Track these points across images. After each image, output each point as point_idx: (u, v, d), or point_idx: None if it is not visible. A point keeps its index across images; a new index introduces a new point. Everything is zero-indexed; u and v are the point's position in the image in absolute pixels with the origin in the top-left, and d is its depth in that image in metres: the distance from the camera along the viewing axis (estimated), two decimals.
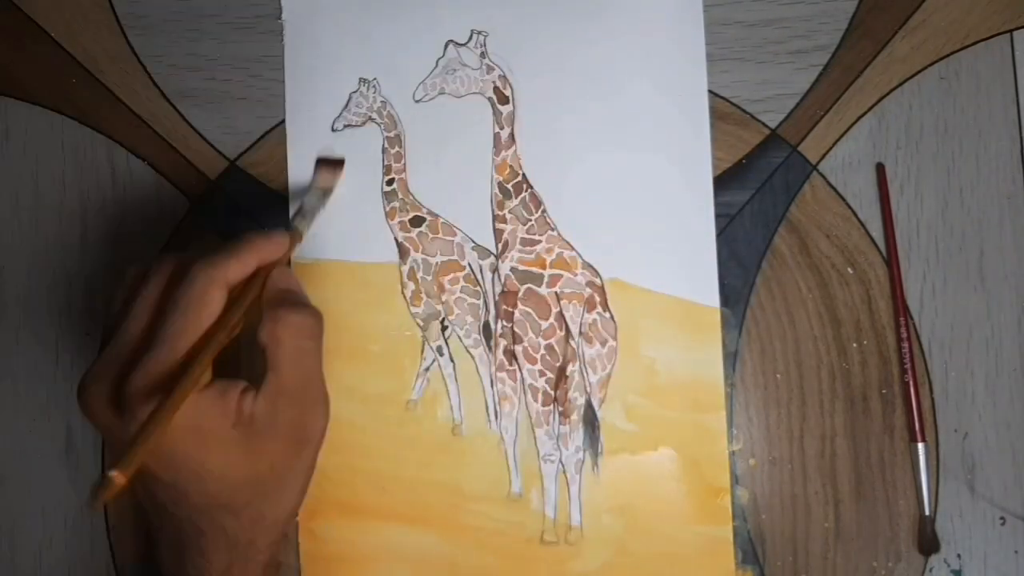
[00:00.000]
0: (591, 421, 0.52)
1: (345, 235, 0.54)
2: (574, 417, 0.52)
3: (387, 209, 0.54)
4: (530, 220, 0.53)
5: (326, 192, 0.52)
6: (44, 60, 0.57)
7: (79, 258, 0.55)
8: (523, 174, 0.53)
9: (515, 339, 0.53)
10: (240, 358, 0.48)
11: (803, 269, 0.53)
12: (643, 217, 0.53)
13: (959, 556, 0.51)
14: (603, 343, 0.52)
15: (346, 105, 0.54)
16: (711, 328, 0.52)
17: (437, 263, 0.54)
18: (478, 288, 0.54)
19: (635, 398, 0.52)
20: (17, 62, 0.57)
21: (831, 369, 0.52)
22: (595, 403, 0.52)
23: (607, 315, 0.52)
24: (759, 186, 0.54)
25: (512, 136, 0.54)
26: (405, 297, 0.54)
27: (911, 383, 0.51)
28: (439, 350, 0.53)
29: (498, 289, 0.53)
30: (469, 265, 0.54)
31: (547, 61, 0.54)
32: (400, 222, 0.54)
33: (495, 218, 0.53)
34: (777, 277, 0.53)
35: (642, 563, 0.51)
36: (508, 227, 0.53)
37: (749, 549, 0.51)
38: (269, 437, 0.40)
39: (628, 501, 0.52)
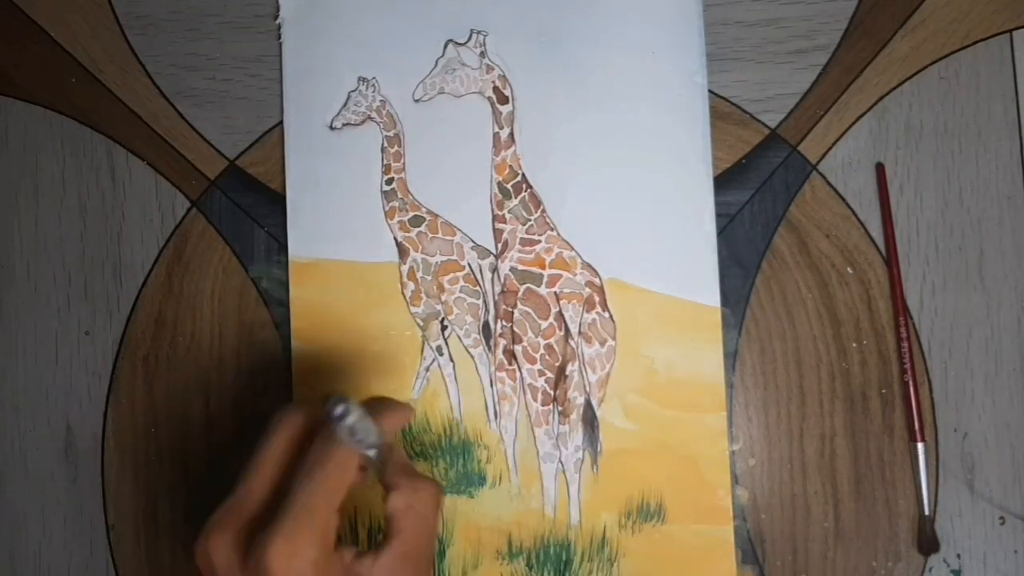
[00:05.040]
0: (590, 421, 0.52)
1: (345, 235, 0.54)
2: (573, 417, 0.52)
3: (387, 208, 0.54)
4: (530, 220, 0.53)
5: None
6: (44, 60, 0.57)
7: (79, 257, 0.55)
8: (522, 174, 0.53)
9: (515, 339, 0.53)
10: None
11: (803, 269, 0.53)
12: (643, 217, 0.53)
13: (959, 556, 0.51)
14: (602, 343, 0.52)
15: (345, 104, 0.54)
16: (711, 328, 0.52)
17: (437, 263, 0.54)
18: (478, 288, 0.54)
19: (634, 397, 0.52)
20: (17, 62, 0.57)
21: (831, 369, 0.52)
22: (594, 402, 0.52)
23: (606, 315, 0.52)
24: (759, 186, 0.54)
25: (512, 136, 0.54)
26: (405, 297, 0.54)
27: (911, 383, 0.51)
28: (439, 350, 0.53)
29: (498, 289, 0.53)
30: (469, 265, 0.54)
31: (547, 61, 0.54)
32: (400, 222, 0.54)
33: (495, 218, 0.53)
34: (777, 277, 0.53)
35: (642, 563, 0.51)
36: (508, 227, 0.53)
37: (749, 549, 0.51)
38: None
39: (628, 501, 0.51)
